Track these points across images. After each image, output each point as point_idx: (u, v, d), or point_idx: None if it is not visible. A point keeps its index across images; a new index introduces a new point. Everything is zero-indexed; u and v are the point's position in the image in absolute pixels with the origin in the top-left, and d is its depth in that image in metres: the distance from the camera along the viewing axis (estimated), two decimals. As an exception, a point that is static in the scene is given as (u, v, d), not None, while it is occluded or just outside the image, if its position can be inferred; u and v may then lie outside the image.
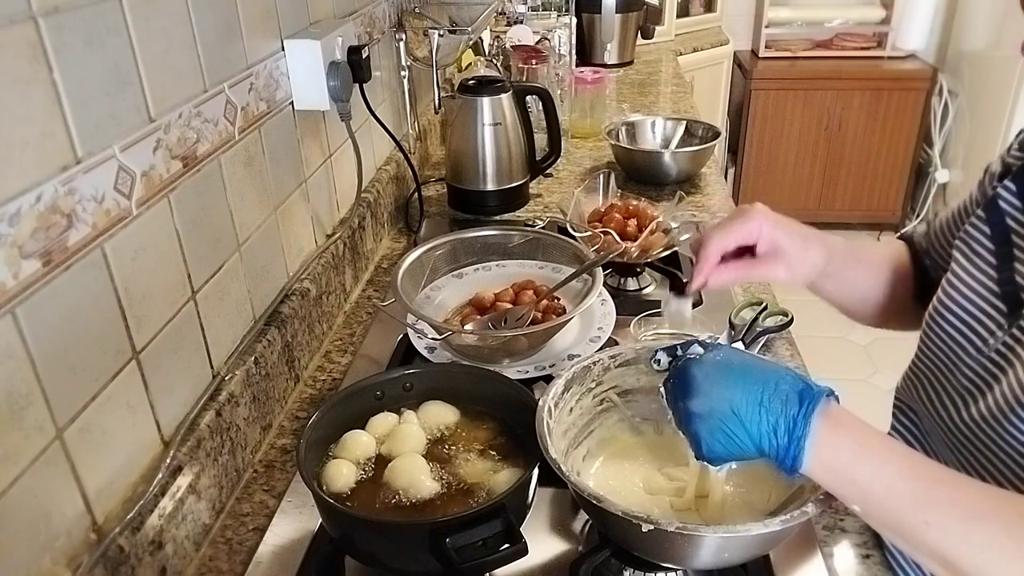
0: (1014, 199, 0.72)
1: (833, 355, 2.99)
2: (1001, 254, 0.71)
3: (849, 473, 0.60)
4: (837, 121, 3.63)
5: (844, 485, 0.61)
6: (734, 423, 0.63)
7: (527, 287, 1.13)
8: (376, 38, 1.45)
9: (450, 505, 0.76)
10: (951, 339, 0.74)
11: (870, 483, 0.60)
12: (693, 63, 3.20)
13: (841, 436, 0.61)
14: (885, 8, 3.64)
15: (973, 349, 0.71)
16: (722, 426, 0.63)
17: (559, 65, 2.22)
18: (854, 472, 0.60)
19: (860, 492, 0.60)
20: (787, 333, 1.13)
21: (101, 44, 0.67)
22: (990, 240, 0.73)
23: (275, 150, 1.03)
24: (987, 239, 0.73)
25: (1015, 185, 0.72)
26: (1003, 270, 0.70)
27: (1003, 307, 0.70)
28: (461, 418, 0.87)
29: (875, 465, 0.60)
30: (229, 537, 0.84)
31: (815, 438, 0.60)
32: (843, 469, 0.61)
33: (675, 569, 0.75)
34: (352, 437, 0.83)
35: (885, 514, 0.60)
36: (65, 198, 0.63)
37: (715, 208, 1.62)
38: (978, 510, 0.58)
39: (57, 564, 0.63)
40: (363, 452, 0.81)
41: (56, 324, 0.63)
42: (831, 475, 0.61)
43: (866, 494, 0.60)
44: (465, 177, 1.57)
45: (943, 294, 0.76)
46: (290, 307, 1.04)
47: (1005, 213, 0.72)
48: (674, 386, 0.68)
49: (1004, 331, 0.69)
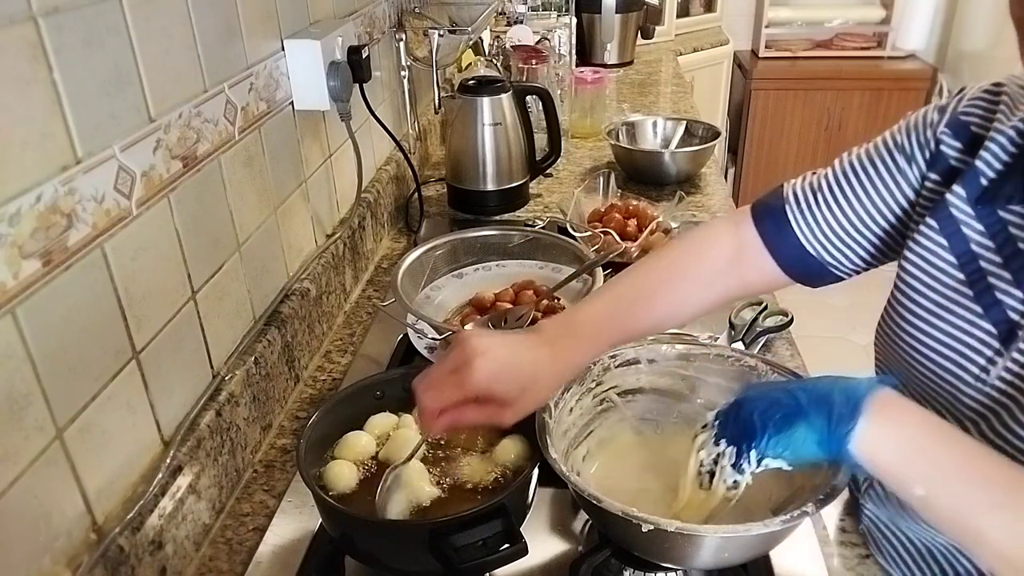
0: (966, 206, 0.67)
1: (833, 355, 2.99)
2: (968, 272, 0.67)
3: (919, 449, 0.59)
4: (837, 121, 3.63)
5: (911, 461, 0.59)
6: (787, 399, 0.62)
7: (527, 287, 1.13)
8: (376, 38, 1.45)
9: (450, 507, 0.76)
10: (945, 370, 0.69)
11: (940, 457, 0.58)
12: (693, 63, 3.20)
13: (905, 410, 0.60)
14: (885, 8, 3.64)
15: (972, 379, 0.67)
16: (779, 402, 0.62)
17: (559, 65, 2.22)
18: (924, 447, 0.59)
19: (930, 466, 0.59)
20: (787, 333, 1.13)
21: (101, 44, 0.67)
22: (949, 252, 0.68)
23: (275, 150, 1.03)
24: (946, 251, 0.68)
25: (965, 190, 0.67)
26: (978, 291, 0.66)
27: (991, 329, 0.65)
28: None
29: (946, 439, 0.59)
30: (229, 537, 0.84)
31: (875, 404, 0.59)
32: (908, 441, 0.59)
33: (675, 569, 0.75)
34: (352, 437, 0.83)
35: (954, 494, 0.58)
36: (65, 198, 0.63)
37: (715, 208, 1.62)
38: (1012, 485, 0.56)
39: (57, 564, 0.63)
40: (363, 452, 0.81)
41: (56, 324, 0.63)
42: (892, 443, 0.59)
43: (938, 468, 0.58)
44: (465, 177, 1.57)
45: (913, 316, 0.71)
46: (290, 307, 1.04)
47: (959, 222, 0.67)
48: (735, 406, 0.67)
49: (1004, 357, 0.64)
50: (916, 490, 0.59)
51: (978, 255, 0.66)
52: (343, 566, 0.78)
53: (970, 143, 0.69)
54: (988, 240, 0.66)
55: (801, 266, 0.80)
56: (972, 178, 0.67)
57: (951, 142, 0.71)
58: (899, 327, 0.73)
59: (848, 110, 3.60)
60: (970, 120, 0.70)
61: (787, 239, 0.80)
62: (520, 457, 0.80)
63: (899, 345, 0.73)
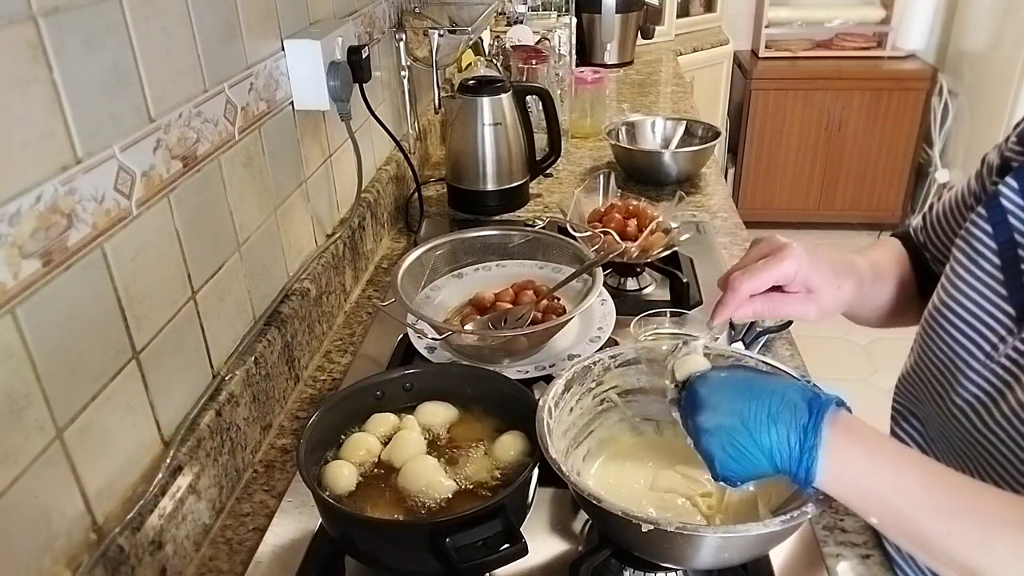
0: (1017, 197, 0.70)
1: (833, 355, 2.99)
2: (1006, 259, 0.70)
3: (864, 483, 0.59)
4: (837, 121, 3.63)
5: (860, 496, 0.60)
6: (744, 437, 0.62)
7: (527, 287, 1.12)
8: (376, 38, 1.45)
9: (451, 506, 0.76)
10: (956, 343, 0.72)
11: (887, 494, 0.58)
12: (693, 63, 3.20)
13: (855, 444, 0.60)
14: (885, 8, 3.64)
15: (981, 354, 0.69)
16: (733, 441, 0.62)
17: (559, 65, 2.22)
18: (870, 482, 0.59)
19: (877, 503, 0.59)
20: (787, 333, 1.13)
21: (101, 44, 0.67)
22: (993, 240, 0.71)
23: (275, 150, 1.03)
24: (990, 239, 0.72)
25: (1017, 182, 0.71)
26: (1010, 276, 0.69)
27: (1011, 311, 0.68)
28: (460, 418, 0.87)
29: (892, 474, 0.59)
30: (229, 537, 0.84)
31: (827, 447, 0.59)
32: (858, 479, 0.59)
33: (675, 569, 0.75)
34: (357, 438, 0.82)
35: (904, 525, 0.58)
36: (65, 198, 0.63)
37: (715, 208, 1.62)
38: (1001, 518, 0.56)
39: (57, 564, 0.63)
40: (366, 453, 0.81)
41: (56, 324, 0.63)
42: (846, 486, 0.60)
43: (884, 505, 0.59)
44: (465, 177, 1.57)
45: (945, 295, 0.75)
46: (290, 307, 1.04)
47: (1007, 212, 0.70)
48: (684, 406, 0.68)
49: (1014, 336, 0.67)
50: (871, 519, 0.60)
51: (1018, 243, 0.69)
52: (343, 566, 0.78)
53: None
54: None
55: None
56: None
57: (1016, 147, 0.74)
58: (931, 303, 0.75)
59: (848, 110, 3.60)
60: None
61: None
62: (520, 453, 0.80)
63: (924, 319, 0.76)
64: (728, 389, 0.65)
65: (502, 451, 0.81)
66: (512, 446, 0.80)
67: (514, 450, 0.80)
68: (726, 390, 0.65)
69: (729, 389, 0.65)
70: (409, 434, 0.83)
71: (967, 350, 0.71)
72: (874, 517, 0.60)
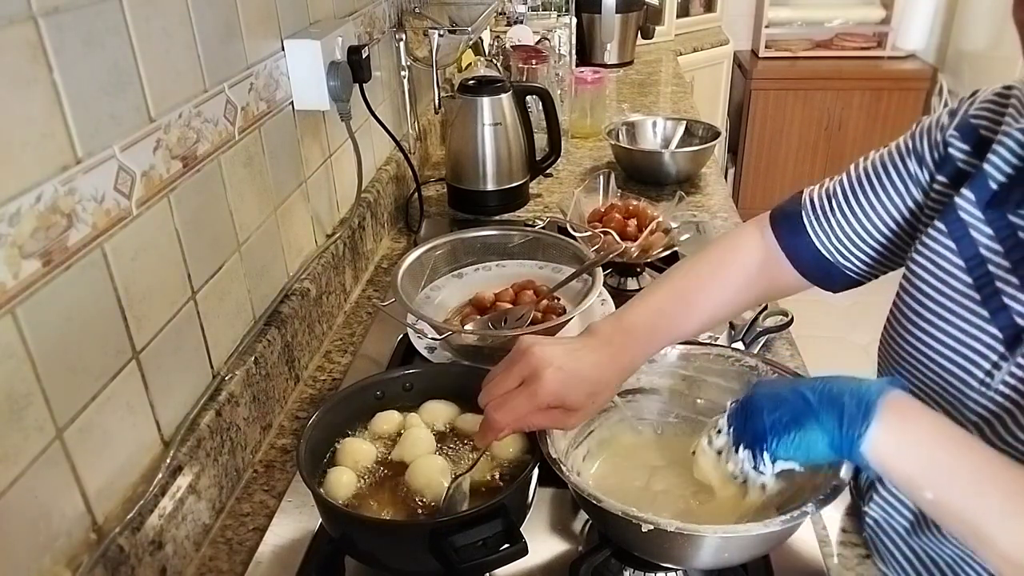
0: (975, 210, 0.67)
1: (833, 355, 2.99)
2: (976, 276, 0.67)
3: (925, 456, 0.58)
4: (837, 121, 3.63)
5: (922, 466, 0.58)
6: (796, 399, 0.62)
7: (527, 287, 1.12)
8: (376, 38, 1.45)
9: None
10: (948, 372, 0.69)
11: (954, 464, 0.58)
12: (693, 63, 3.20)
13: (917, 416, 0.60)
14: (885, 8, 3.64)
15: (976, 383, 0.67)
16: (787, 401, 0.63)
17: (559, 65, 2.22)
18: (930, 455, 0.58)
19: (937, 476, 0.58)
20: (787, 333, 1.13)
21: (101, 44, 0.67)
22: (958, 256, 0.68)
23: (275, 150, 1.03)
24: (955, 255, 0.68)
25: (974, 193, 0.67)
26: (986, 295, 0.66)
27: (996, 333, 0.65)
28: (462, 416, 0.87)
29: (959, 446, 0.58)
30: (229, 537, 0.84)
31: (884, 415, 0.59)
32: (918, 452, 0.58)
33: (675, 569, 0.75)
34: (350, 443, 0.82)
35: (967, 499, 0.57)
36: (65, 198, 0.63)
37: (715, 208, 1.62)
38: None
39: (57, 564, 0.63)
40: (363, 459, 0.81)
41: (56, 324, 0.63)
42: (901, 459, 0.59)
43: (953, 475, 0.58)
44: (465, 177, 1.57)
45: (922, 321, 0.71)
46: (290, 307, 1.04)
47: (968, 226, 0.67)
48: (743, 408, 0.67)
49: (1009, 362, 0.64)
50: (926, 494, 0.59)
51: (987, 259, 0.66)
52: (343, 566, 0.78)
53: (978, 146, 0.69)
54: (997, 244, 0.65)
55: (818, 270, 0.82)
56: (981, 182, 0.67)
57: (960, 144, 0.71)
58: (905, 330, 0.73)
59: (848, 110, 3.60)
60: (979, 123, 0.70)
61: (803, 244, 0.82)
62: (519, 451, 0.80)
63: (904, 348, 0.73)
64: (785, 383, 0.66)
65: (501, 448, 0.81)
66: (510, 444, 0.80)
67: (513, 448, 0.80)
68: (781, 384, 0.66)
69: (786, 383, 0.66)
70: (419, 431, 0.83)
71: (962, 380, 0.68)
72: (930, 492, 0.58)
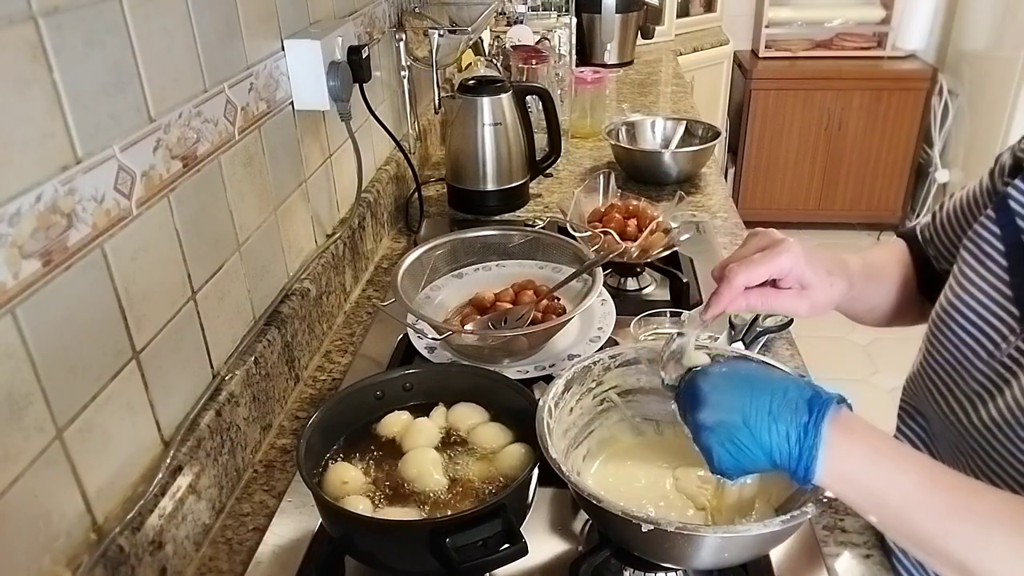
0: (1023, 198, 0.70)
1: (833, 355, 2.99)
2: (1012, 258, 0.70)
3: (864, 482, 0.59)
4: (837, 121, 3.63)
5: (859, 495, 0.60)
6: (744, 434, 0.62)
7: (527, 287, 1.12)
8: (376, 38, 1.45)
9: (451, 506, 0.76)
10: (961, 342, 0.73)
11: (886, 493, 0.59)
12: (693, 63, 3.20)
13: (854, 443, 0.60)
14: (885, 8, 3.64)
15: (984, 353, 0.70)
16: (732, 437, 0.62)
17: (559, 65, 2.22)
18: (869, 481, 0.59)
19: (876, 502, 0.59)
20: (787, 333, 1.13)
21: (101, 44, 0.67)
22: (1000, 242, 0.71)
23: (275, 150, 1.03)
24: (997, 240, 0.72)
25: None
26: (1015, 275, 0.69)
27: (1015, 311, 0.68)
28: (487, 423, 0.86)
29: (890, 474, 0.59)
30: (229, 537, 0.84)
31: (827, 446, 0.59)
32: (857, 478, 0.60)
33: (675, 569, 0.75)
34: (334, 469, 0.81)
35: (903, 524, 0.59)
36: (65, 198, 0.63)
37: (715, 208, 1.62)
38: (998, 518, 0.57)
39: (57, 564, 0.63)
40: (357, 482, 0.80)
41: (56, 324, 0.63)
42: (845, 485, 0.60)
43: (882, 504, 0.59)
44: (465, 177, 1.57)
45: (952, 295, 0.75)
46: (290, 307, 1.04)
47: (1015, 214, 0.70)
48: (683, 400, 0.68)
49: (1016, 336, 0.68)
50: (870, 518, 0.61)
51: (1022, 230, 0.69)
52: (343, 566, 0.78)
53: None
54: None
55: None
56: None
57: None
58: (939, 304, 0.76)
59: (848, 110, 3.60)
60: None
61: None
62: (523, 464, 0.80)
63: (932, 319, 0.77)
64: (729, 385, 0.65)
65: (504, 461, 0.80)
66: (515, 455, 0.80)
67: (518, 461, 0.80)
68: (727, 386, 0.65)
69: (730, 385, 0.65)
70: (426, 423, 0.83)
71: (971, 349, 0.72)
72: (873, 516, 0.60)
